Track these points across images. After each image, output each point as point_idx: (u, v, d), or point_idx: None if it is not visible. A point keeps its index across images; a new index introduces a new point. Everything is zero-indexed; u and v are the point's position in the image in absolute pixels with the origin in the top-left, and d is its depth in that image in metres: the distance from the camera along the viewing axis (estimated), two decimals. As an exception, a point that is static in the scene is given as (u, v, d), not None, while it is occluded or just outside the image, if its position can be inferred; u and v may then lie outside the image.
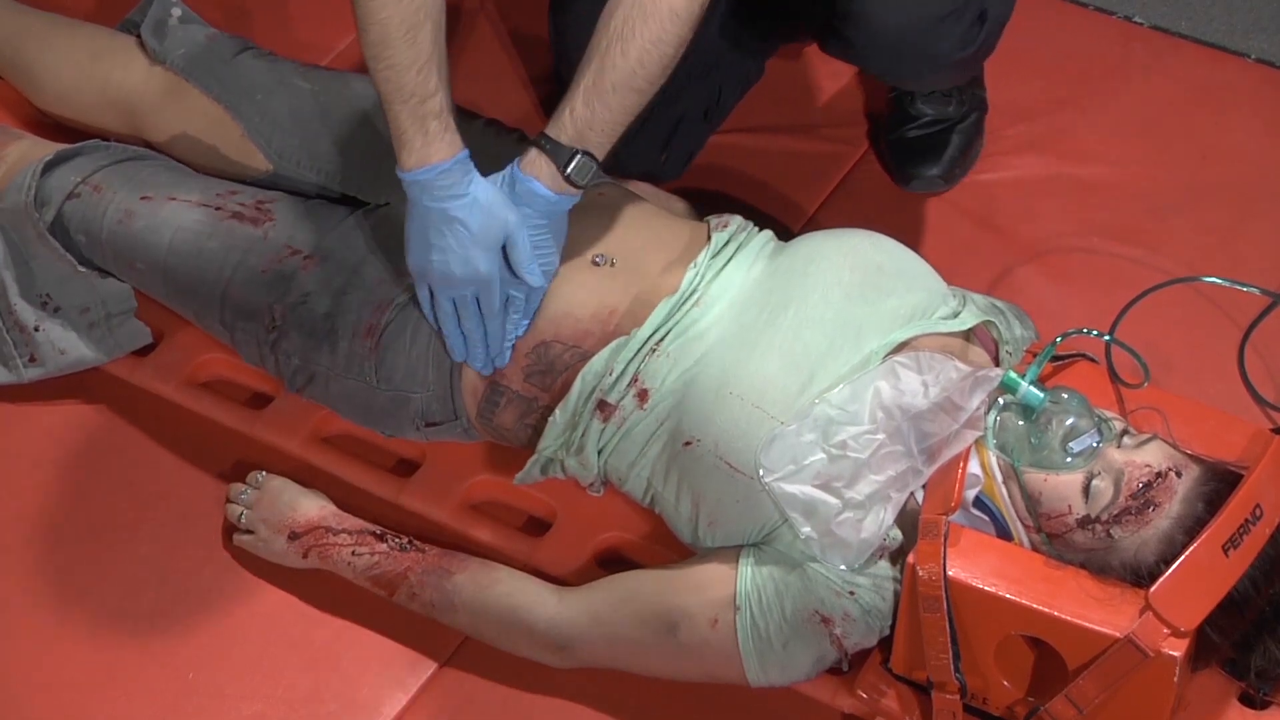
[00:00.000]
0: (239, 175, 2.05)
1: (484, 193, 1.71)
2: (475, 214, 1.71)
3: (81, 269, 1.98)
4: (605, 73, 1.66)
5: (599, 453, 1.78)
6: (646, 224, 1.89)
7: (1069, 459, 1.64)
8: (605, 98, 1.67)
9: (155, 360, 2.05)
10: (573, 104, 1.69)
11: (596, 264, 1.82)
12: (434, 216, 1.71)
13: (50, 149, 2.04)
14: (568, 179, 1.70)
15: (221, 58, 2.09)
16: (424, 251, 1.74)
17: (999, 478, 1.68)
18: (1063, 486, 1.64)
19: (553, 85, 2.33)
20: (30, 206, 1.96)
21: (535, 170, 1.71)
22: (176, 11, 2.16)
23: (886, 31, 1.94)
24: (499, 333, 1.78)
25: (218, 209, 1.94)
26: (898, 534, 1.68)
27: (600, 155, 1.71)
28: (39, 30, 2.24)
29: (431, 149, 1.69)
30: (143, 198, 1.97)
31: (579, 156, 1.69)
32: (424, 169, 1.70)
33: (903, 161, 2.27)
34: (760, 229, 1.88)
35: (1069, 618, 1.59)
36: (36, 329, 2.00)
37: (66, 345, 2.01)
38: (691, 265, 1.80)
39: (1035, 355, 1.76)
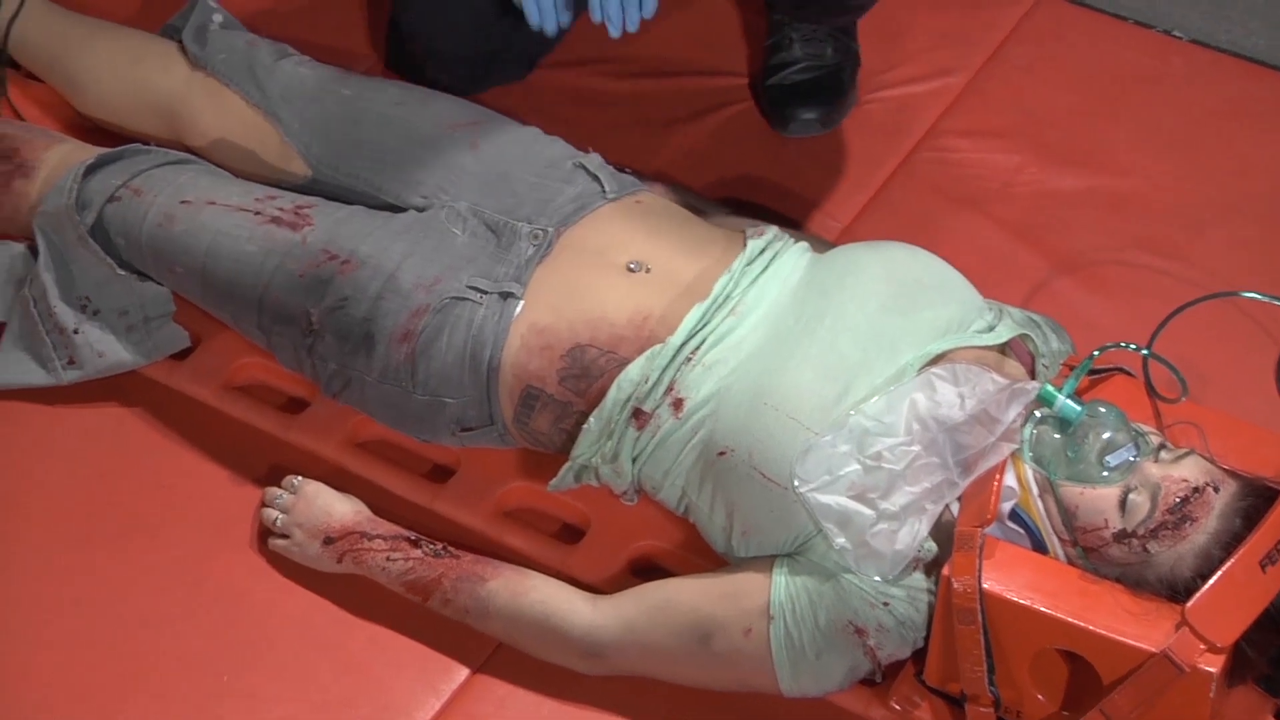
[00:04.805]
0: (278, 180, 2.06)
1: None
2: None
3: (121, 272, 1.99)
4: None
5: (633, 461, 1.78)
6: (682, 231, 1.89)
7: (1105, 473, 1.63)
8: None
9: (192, 364, 2.06)
10: None
11: (631, 270, 1.82)
12: None
13: (91, 153, 2.06)
14: None
15: (262, 64, 2.10)
16: None
17: (1035, 491, 1.68)
18: (1099, 500, 1.63)
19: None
20: (71, 210, 1.97)
21: None
22: (218, 18, 2.18)
23: None
24: None
25: (257, 213, 1.95)
26: (932, 546, 1.67)
27: None
28: (81, 35, 2.26)
29: None
30: (182, 201, 1.98)
31: None
32: None
33: (782, 105, 2.34)
34: (796, 240, 1.88)
35: (1104, 632, 1.58)
36: (75, 331, 2.01)
37: (105, 348, 2.02)
38: (726, 272, 1.80)
39: (1072, 369, 1.76)
